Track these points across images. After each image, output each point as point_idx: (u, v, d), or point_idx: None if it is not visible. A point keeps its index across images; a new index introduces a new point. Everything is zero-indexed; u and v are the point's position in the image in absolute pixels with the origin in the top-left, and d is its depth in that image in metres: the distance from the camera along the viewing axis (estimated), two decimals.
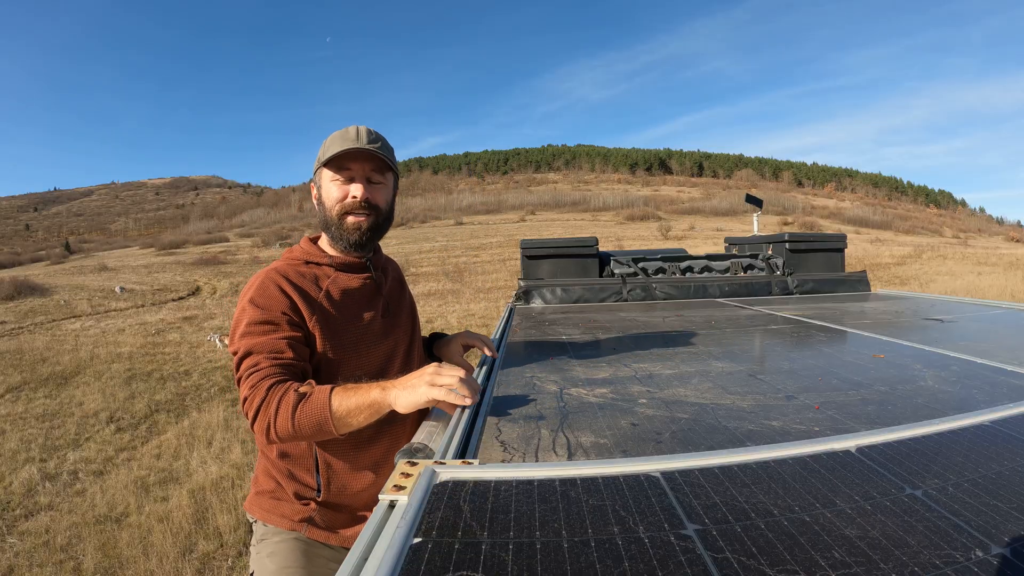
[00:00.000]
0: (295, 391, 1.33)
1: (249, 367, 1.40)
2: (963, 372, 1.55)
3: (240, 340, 1.46)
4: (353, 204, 1.60)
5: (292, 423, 1.31)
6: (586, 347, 2.19)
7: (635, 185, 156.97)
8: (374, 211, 1.63)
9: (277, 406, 1.32)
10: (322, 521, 1.63)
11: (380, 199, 1.65)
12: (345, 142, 1.57)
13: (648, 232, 53.94)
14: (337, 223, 1.62)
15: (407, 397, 1.30)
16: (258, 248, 52.95)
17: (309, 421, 1.31)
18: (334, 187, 1.61)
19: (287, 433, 1.32)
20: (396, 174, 1.73)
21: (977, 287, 18.39)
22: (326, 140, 1.63)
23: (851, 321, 2.67)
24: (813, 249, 4.68)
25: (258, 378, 1.37)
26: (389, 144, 1.67)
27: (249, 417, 1.35)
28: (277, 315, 1.48)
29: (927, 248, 40.06)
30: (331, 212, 1.62)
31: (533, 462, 1.00)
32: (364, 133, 1.60)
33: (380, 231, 1.69)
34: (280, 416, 1.31)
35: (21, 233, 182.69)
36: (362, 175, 1.61)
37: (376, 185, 1.64)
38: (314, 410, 1.31)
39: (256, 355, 1.42)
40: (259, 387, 1.35)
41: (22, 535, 4.88)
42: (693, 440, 1.08)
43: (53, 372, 11.05)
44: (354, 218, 1.61)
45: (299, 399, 1.32)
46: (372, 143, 1.59)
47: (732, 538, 0.68)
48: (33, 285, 26.76)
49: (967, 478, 0.83)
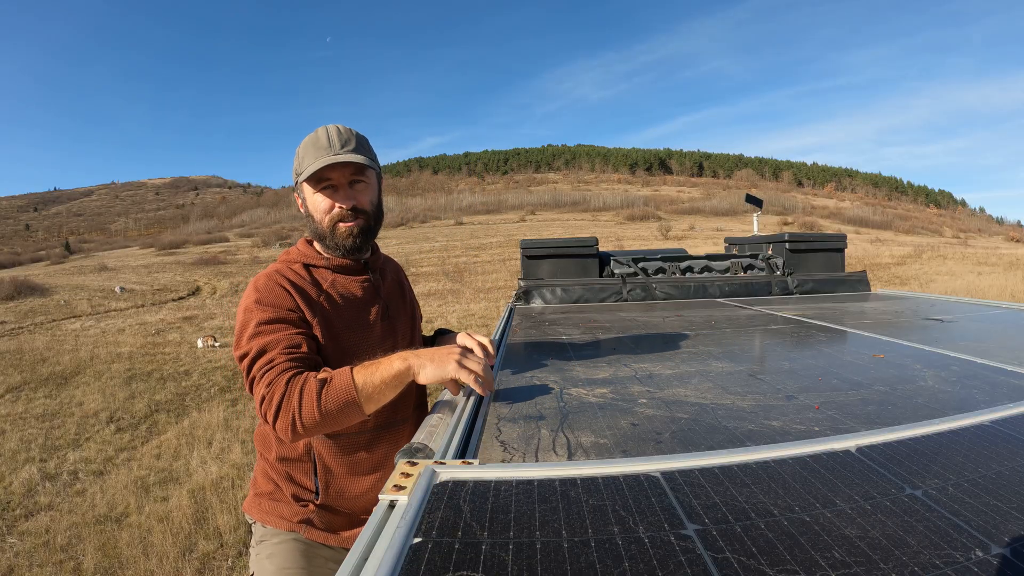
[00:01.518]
0: (315, 379, 1.33)
1: (263, 365, 1.38)
2: (963, 372, 1.55)
3: (251, 341, 1.43)
4: (341, 214, 1.59)
5: (319, 410, 1.30)
6: (586, 347, 2.19)
7: (635, 185, 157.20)
8: (362, 215, 1.62)
9: (300, 397, 1.31)
10: (321, 523, 1.62)
11: (365, 201, 1.62)
12: (319, 152, 1.54)
13: (648, 232, 54.00)
14: (330, 234, 1.61)
15: (434, 371, 1.34)
16: (258, 248, 53.00)
17: (336, 404, 1.31)
18: (319, 199, 1.59)
19: (314, 421, 1.31)
20: (377, 168, 1.69)
21: (977, 287, 18.40)
22: (299, 148, 1.60)
23: (851, 321, 2.67)
24: (813, 249, 4.68)
25: (274, 374, 1.35)
26: (363, 137, 1.64)
27: (270, 417, 1.33)
28: (285, 312, 1.48)
29: (927, 248, 40.09)
30: (321, 224, 1.60)
31: (533, 462, 1.00)
32: (336, 138, 1.56)
33: (372, 232, 1.67)
34: (305, 406, 1.30)
35: (21, 233, 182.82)
36: (344, 182, 1.59)
37: (359, 185, 1.61)
38: (339, 392, 1.31)
39: (270, 352, 1.40)
40: (277, 383, 1.34)
41: (22, 535, 4.89)
42: (693, 440, 1.08)
43: (53, 372, 11.06)
44: (345, 224, 1.60)
45: (321, 385, 1.32)
46: (345, 146, 1.56)
47: (732, 538, 0.68)
48: (33, 285, 26.78)
49: (967, 478, 0.83)
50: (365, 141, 1.64)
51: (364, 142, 1.63)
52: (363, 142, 1.62)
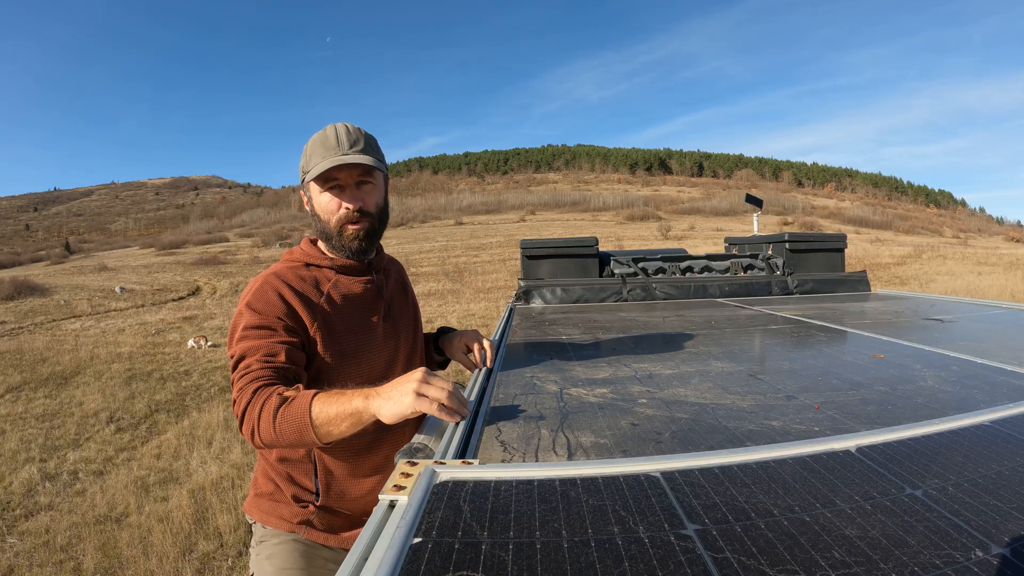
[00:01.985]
0: (279, 395, 1.30)
1: (241, 370, 1.38)
2: (963, 372, 1.55)
3: (236, 344, 1.44)
4: (347, 215, 1.58)
5: (273, 428, 1.27)
6: (586, 347, 2.19)
7: (635, 185, 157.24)
8: (368, 217, 1.61)
9: (260, 410, 1.29)
10: (321, 524, 1.62)
11: (371, 203, 1.61)
12: (327, 152, 1.53)
13: (648, 232, 54.01)
14: (337, 235, 1.60)
15: (392, 408, 1.22)
16: (258, 248, 53.00)
17: (289, 427, 1.27)
18: (325, 199, 1.58)
19: (270, 438, 1.28)
20: (384, 169, 1.68)
21: (977, 287, 18.40)
22: (307, 146, 1.59)
23: (851, 321, 2.67)
24: (813, 249, 4.68)
25: (247, 381, 1.35)
26: (372, 137, 1.62)
27: (237, 421, 1.34)
28: (273, 320, 1.46)
29: (927, 248, 40.09)
30: (328, 225, 1.60)
31: (533, 462, 1.00)
32: (344, 137, 1.55)
33: (377, 234, 1.67)
34: (263, 420, 1.28)
35: (21, 233, 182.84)
36: (351, 182, 1.58)
37: (366, 187, 1.60)
38: (294, 416, 1.26)
39: (249, 358, 1.40)
40: (246, 390, 1.33)
41: (22, 535, 4.89)
42: (693, 440, 1.08)
43: (53, 372, 11.06)
44: (352, 227, 1.59)
45: (281, 403, 1.28)
46: (354, 146, 1.55)
47: (732, 538, 0.68)
48: (33, 285, 26.78)
49: (967, 478, 0.83)
50: (374, 141, 1.62)
51: (373, 142, 1.62)
52: (372, 142, 1.61)
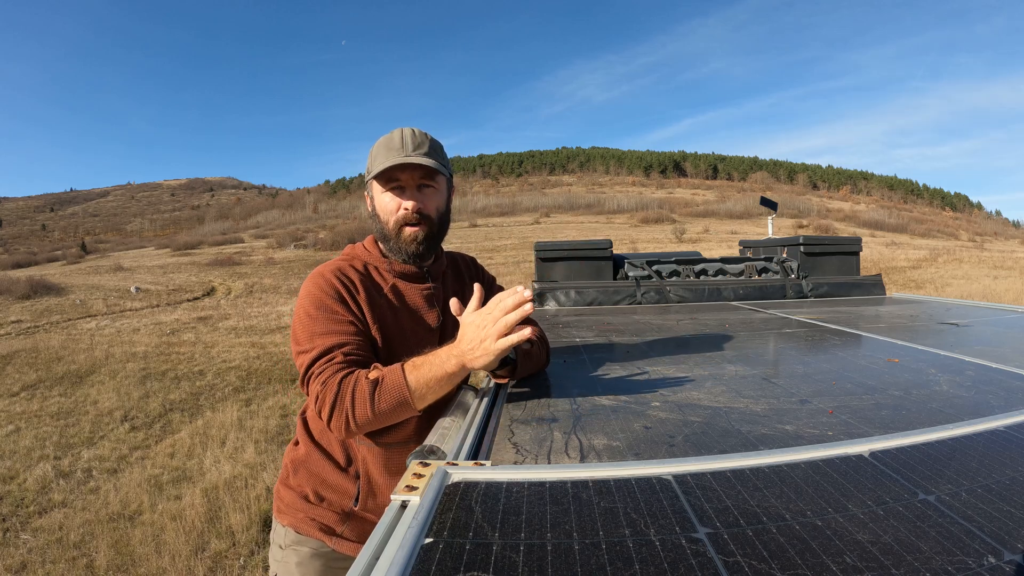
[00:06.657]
0: (366, 379, 1.33)
1: (321, 364, 1.40)
2: (978, 377, 1.54)
3: (308, 340, 1.44)
4: (406, 216, 1.57)
5: (372, 409, 1.31)
6: (600, 350, 2.19)
7: (649, 187, 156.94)
8: (427, 221, 1.60)
9: (353, 397, 1.32)
10: (352, 533, 1.60)
11: (431, 206, 1.60)
12: (390, 152, 1.54)
13: (662, 235, 53.82)
14: (395, 236, 1.59)
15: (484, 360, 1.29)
16: (273, 249, 53.28)
17: (388, 404, 1.31)
18: (386, 199, 1.58)
19: (367, 420, 1.32)
20: (449, 175, 1.68)
21: (993, 291, 18.20)
22: (372, 148, 1.60)
23: (865, 325, 2.65)
24: (828, 252, 4.65)
25: (328, 374, 1.36)
26: (438, 142, 1.62)
27: (324, 415, 1.34)
28: (342, 312, 1.48)
29: (943, 251, 39.71)
30: (387, 225, 1.59)
31: (545, 464, 1.00)
32: (409, 139, 1.55)
33: (437, 239, 1.65)
34: (358, 406, 1.31)
35: (38, 233, 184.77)
36: (412, 184, 1.57)
37: (427, 190, 1.60)
38: (392, 390, 1.31)
39: (324, 351, 1.41)
40: (331, 382, 1.35)
41: (35, 532, 4.93)
42: (706, 443, 1.07)
43: (68, 371, 11.15)
44: (410, 229, 1.58)
45: (373, 386, 1.32)
46: (418, 149, 1.54)
47: (743, 542, 0.68)
48: (49, 284, 27.05)
49: (981, 484, 0.83)
50: (439, 147, 1.62)
51: (438, 147, 1.61)
52: (437, 147, 1.61)
